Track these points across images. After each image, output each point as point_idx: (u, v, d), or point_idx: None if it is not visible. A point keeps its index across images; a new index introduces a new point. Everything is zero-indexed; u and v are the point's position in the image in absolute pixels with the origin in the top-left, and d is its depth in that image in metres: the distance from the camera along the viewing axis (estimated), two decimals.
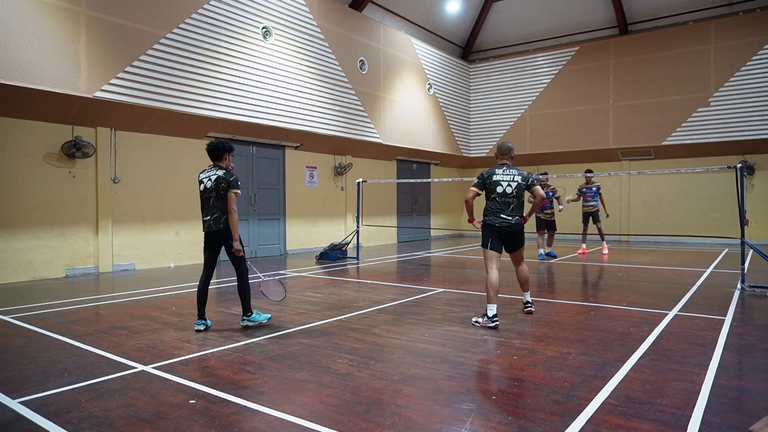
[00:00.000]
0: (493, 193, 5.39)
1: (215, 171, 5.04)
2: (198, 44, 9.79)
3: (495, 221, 5.34)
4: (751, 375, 3.67)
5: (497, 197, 5.37)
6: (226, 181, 4.95)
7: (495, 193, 5.37)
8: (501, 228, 5.34)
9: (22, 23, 7.46)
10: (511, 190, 5.38)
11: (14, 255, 8.16)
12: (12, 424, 2.90)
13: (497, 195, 5.36)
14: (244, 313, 5.17)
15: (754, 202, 13.88)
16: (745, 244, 7.13)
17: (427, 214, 18.03)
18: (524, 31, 17.88)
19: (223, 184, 4.96)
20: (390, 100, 14.86)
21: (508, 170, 5.43)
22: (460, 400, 3.18)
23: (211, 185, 5.00)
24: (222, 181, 4.95)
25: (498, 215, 5.35)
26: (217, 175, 4.99)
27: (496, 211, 5.36)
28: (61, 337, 4.73)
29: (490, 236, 5.35)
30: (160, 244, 10.05)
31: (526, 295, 5.79)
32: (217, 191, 4.99)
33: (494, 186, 5.38)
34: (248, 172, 11.76)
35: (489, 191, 5.43)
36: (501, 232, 5.35)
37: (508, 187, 5.38)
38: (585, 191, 11.96)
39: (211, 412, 3.03)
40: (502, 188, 5.37)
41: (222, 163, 5.12)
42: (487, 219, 5.41)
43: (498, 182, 5.37)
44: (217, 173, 5.00)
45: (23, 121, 8.23)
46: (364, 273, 9.19)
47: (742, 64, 13.99)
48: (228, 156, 5.16)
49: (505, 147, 5.56)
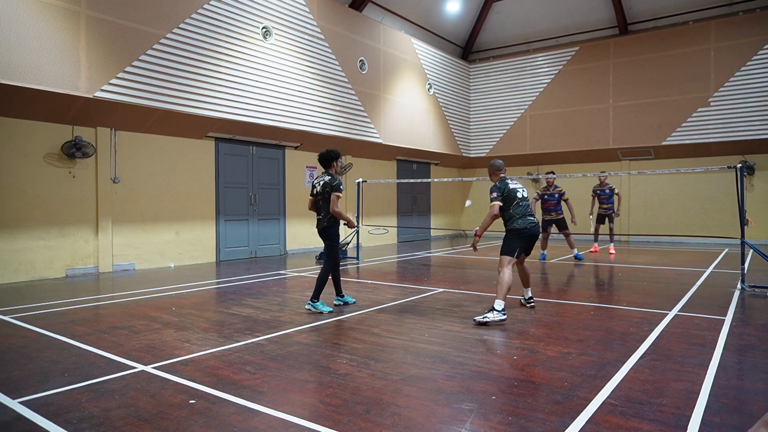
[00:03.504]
0: (515, 200, 5.63)
1: (324, 177, 5.83)
2: (198, 44, 9.79)
3: (525, 224, 5.57)
4: (751, 375, 3.67)
5: (520, 202, 5.64)
6: (330, 185, 5.74)
7: (517, 198, 5.64)
8: (529, 230, 5.58)
9: (22, 23, 7.45)
10: (526, 194, 5.75)
11: (14, 255, 8.16)
12: (12, 424, 2.90)
13: (520, 200, 5.65)
14: (312, 299, 5.79)
15: (754, 202, 13.88)
16: (745, 244, 7.13)
17: (427, 214, 18.03)
18: (524, 31, 17.89)
19: (327, 188, 5.74)
20: (390, 100, 14.87)
21: (513, 181, 5.77)
22: (460, 400, 3.18)
23: (320, 189, 5.80)
24: (327, 185, 5.75)
25: (525, 217, 5.60)
26: (324, 181, 5.79)
27: (524, 215, 5.62)
28: (61, 337, 4.73)
29: (519, 243, 5.56)
30: (160, 244, 10.05)
31: (528, 291, 6.03)
32: (323, 194, 5.78)
33: (514, 193, 5.64)
34: (248, 172, 11.76)
35: (510, 200, 5.62)
36: (530, 235, 5.60)
37: (525, 191, 5.75)
38: (599, 193, 11.78)
39: (211, 412, 3.03)
40: (521, 194, 5.69)
41: (331, 170, 5.88)
42: (516, 225, 5.58)
43: (515, 189, 5.67)
44: (324, 179, 5.80)
45: (23, 121, 8.23)
46: (364, 273, 9.19)
47: (742, 64, 13.99)
48: (336, 163, 5.91)
49: (500, 164, 5.91)
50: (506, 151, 18.06)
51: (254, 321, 5.39)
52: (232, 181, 11.42)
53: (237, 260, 11.29)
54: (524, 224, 5.55)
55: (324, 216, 5.80)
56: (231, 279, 8.44)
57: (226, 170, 11.28)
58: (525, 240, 5.59)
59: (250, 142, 11.77)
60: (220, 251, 11.17)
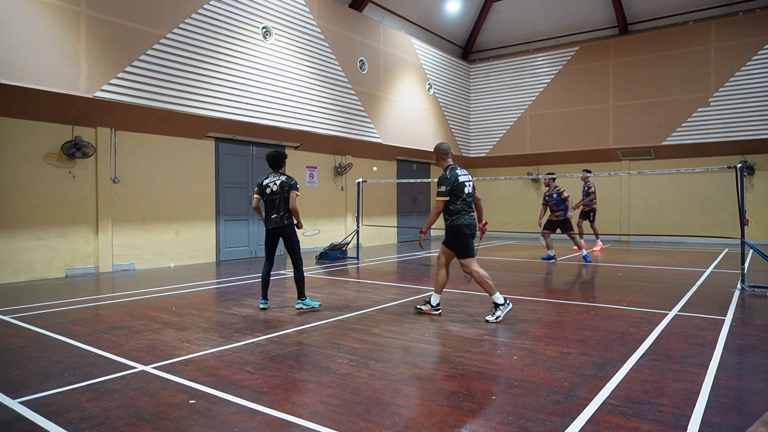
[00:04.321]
0: (462, 194, 5.33)
1: (279, 177, 5.93)
2: (198, 44, 9.79)
3: (470, 219, 5.37)
4: (751, 375, 3.67)
5: (467, 197, 5.39)
6: (288, 184, 5.87)
7: (463, 194, 5.34)
8: (473, 227, 5.40)
9: (22, 23, 7.45)
10: (471, 190, 5.48)
11: (14, 255, 8.16)
12: (12, 424, 2.90)
13: (466, 195, 5.38)
14: (299, 297, 5.97)
15: (754, 202, 13.88)
16: (745, 244, 7.13)
17: (427, 214, 18.02)
18: (524, 31, 17.88)
19: (286, 187, 5.86)
20: (390, 100, 14.87)
21: (462, 169, 5.49)
22: (460, 400, 3.18)
23: (277, 188, 5.87)
24: (285, 184, 5.87)
25: (470, 213, 5.41)
26: (281, 180, 5.89)
27: (469, 210, 5.41)
28: (61, 337, 4.73)
29: (468, 239, 5.35)
30: (160, 244, 10.05)
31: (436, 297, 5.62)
32: (282, 193, 5.85)
33: (461, 188, 5.33)
34: (248, 172, 11.76)
35: (457, 194, 5.32)
36: (472, 233, 5.40)
37: (470, 187, 5.47)
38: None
39: (211, 412, 3.03)
40: (468, 189, 5.41)
41: (281, 169, 6.01)
42: (463, 221, 5.31)
43: (464, 183, 5.36)
44: (280, 178, 5.91)
45: (23, 121, 8.23)
46: (364, 273, 9.19)
47: (742, 64, 13.99)
48: (285, 163, 6.05)
49: (447, 146, 5.54)
50: (506, 151, 18.07)
51: (254, 321, 5.39)
52: (232, 181, 11.42)
53: (237, 260, 11.29)
54: (470, 220, 5.35)
55: (284, 214, 5.86)
56: (231, 279, 8.44)
57: (226, 170, 11.28)
58: (470, 236, 5.39)
59: (250, 142, 11.77)
60: (220, 251, 11.17)
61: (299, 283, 5.98)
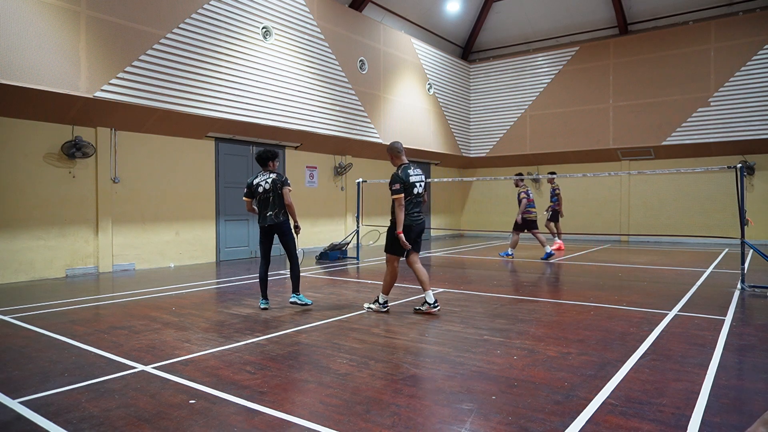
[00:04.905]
0: (410, 195, 5.51)
1: (269, 175, 5.97)
2: (198, 44, 9.79)
3: (413, 220, 5.53)
4: (751, 375, 3.67)
5: (414, 198, 5.53)
6: (279, 181, 5.93)
7: (412, 194, 5.52)
8: (418, 227, 5.58)
9: (22, 23, 7.45)
10: (421, 190, 5.61)
11: (14, 255, 8.16)
12: (12, 424, 2.90)
13: (414, 195, 5.53)
14: (293, 291, 6.06)
15: (754, 202, 13.88)
16: (745, 244, 7.13)
17: (426, 214, 18.02)
18: (524, 31, 17.88)
19: (278, 185, 5.91)
20: (390, 100, 14.87)
21: (415, 169, 5.62)
22: (460, 400, 3.18)
23: (269, 186, 5.91)
24: (277, 182, 5.92)
25: (414, 214, 5.55)
26: (272, 178, 5.94)
27: (413, 211, 5.55)
28: (61, 337, 4.73)
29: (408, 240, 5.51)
30: (160, 244, 10.05)
31: (429, 295, 5.65)
32: (274, 191, 5.90)
33: (411, 187, 5.52)
34: (248, 172, 11.76)
35: (407, 193, 5.51)
36: (418, 232, 5.59)
37: (420, 187, 5.59)
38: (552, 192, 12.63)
39: (211, 412, 3.03)
40: (417, 189, 5.57)
41: (271, 166, 6.03)
42: (406, 221, 5.50)
43: (414, 183, 5.54)
44: (271, 176, 5.95)
45: (23, 121, 8.23)
46: (364, 273, 9.19)
47: (742, 64, 13.99)
48: (274, 162, 6.06)
49: (400, 146, 5.71)
50: (506, 151, 18.07)
51: (254, 321, 5.39)
52: (232, 181, 11.42)
53: (237, 260, 11.29)
54: (411, 221, 5.51)
55: (278, 211, 5.91)
56: (231, 279, 8.44)
57: (226, 170, 11.28)
58: (416, 237, 5.59)
59: (250, 142, 11.77)
60: (220, 251, 11.17)
61: (295, 278, 6.08)
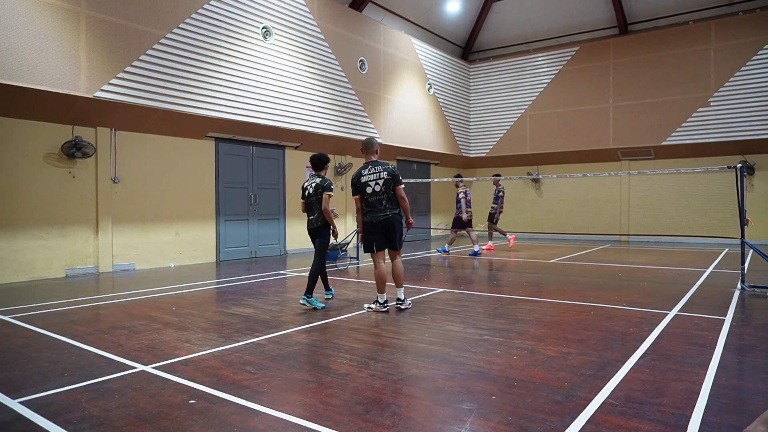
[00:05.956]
0: (364, 194, 5.64)
1: (315, 179, 6.09)
2: (198, 44, 9.79)
3: (371, 218, 5.63)
4: (751, 375, 3.67)
5: (369, 197, 5.63)
6: (321, 186, 6.01)
7: (367, 194, 5.63)
8: (379, 222, 5.62)
9: (22, 23, 7.46)
10: (379, 188, 5.61)
11: (14, 255, 8.16)
12: (12, 424, 2.90)
13: (369, 195, 5.62)
14: (306, 294, 5.96)
15: (754, 202, 13.88)
16: (745, 244, 7.13)
17: (427, 214, 18.03)
18: (524, 31, 17.89)
19: (320, 189, 6.00)
20: (390, 100, 14.87)
21: (374, 168, 5.65)
22: (460, 400, 3.18)
23: (313, 191, 6.03)
24: (319, 187, 6.01)
25: (373, 212, 5.63)
26: (315, 183, 6.05)
27: (372, 210, 5.64)
28: (61, 337, 4.73)
29: (371, 236, 5.67)
30: (160, 244, 10.05)
31: (399, 292, 5.88)
32: (316, 195, 6.01)
33: (363, 188, 5.65)
34: (248, 172, 11.76)
35: (360, 193, 5.67)
36: (382, 229, 5.64)
37: (376, 185, 5.61)
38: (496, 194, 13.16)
39: (211, 412, 3.03)
40: (371, 188, 5.62)
41: (322, 172, 6.18)
42: (365, 219, 5.68)
43: (366, 183, 5.62)
44: (316, 181, 6.06)
45: (23, 121, 8.23)
46: (364, 273, 9.19)
47: (742, 64, 13.99)
48: (327, 166, 6.22)
49: (369, 142, 5.77)
50: (506, 151, 18.07)
51: (254, 321, 5.39)
52: (232, 181, 11.42)
53: (237, 260, 11.29)
54: (371, 219, 5.63)
55: (318, 216, 6.02)
56: (231, 279, 8.44)
57: (226, 170, 11.28)
58: (377, 233, 5.66)
59: (250, 142, 11.77)
60: (220, 251, 11.17)
61: (311, 279, 6.03)
